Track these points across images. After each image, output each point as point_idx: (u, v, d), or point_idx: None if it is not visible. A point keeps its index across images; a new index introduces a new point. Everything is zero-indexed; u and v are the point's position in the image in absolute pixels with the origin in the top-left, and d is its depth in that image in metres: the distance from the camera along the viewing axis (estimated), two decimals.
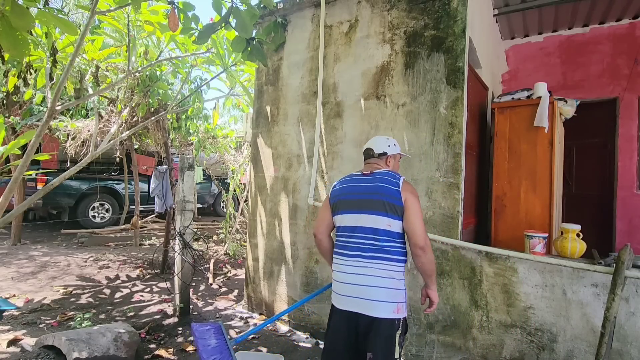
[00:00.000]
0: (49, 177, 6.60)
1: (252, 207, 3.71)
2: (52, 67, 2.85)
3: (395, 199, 1.62)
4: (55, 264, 5.03)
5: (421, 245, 1.58)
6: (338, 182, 1.87)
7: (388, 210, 1.62)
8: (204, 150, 6.46)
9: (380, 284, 1.58)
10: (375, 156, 1.85)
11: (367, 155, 1.89)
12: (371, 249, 1.63)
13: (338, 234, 1.78)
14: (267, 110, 3.59)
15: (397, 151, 1.89)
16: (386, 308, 1.56)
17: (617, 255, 1.76)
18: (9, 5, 1.66)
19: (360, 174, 1.81)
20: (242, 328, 3.26)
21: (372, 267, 1.60)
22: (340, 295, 1.67)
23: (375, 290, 1.58)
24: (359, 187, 1.74)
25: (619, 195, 4.00)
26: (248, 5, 2.43)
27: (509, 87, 4.46)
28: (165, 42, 3.59)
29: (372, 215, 1.64)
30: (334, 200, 1.80)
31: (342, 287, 1.67)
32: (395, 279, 1.61)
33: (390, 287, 1.59)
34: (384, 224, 1.62)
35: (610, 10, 3.80)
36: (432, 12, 2.63)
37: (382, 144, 1.86)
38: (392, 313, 1.57)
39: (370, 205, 1.66)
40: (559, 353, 2.13)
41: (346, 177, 1.87)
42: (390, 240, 1.63)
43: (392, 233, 1.63)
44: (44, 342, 2.49)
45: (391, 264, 1.61)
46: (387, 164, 1.85)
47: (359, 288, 1.60)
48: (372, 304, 1.57)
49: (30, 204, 2.62)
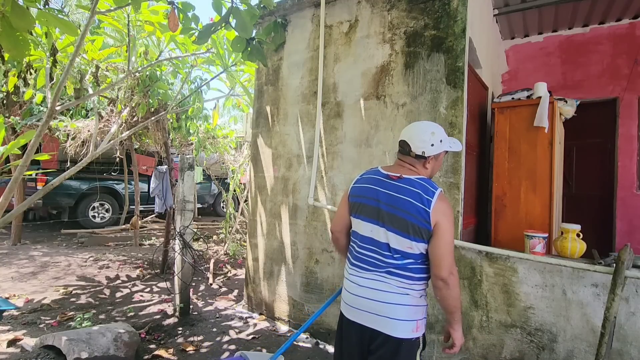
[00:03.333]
0: (49, 177, 6.60)
1: (252, 207, 3.71)
2: (52, 67, 2.85)
3: (424, 221, 1.36)
4: (55, 264, 5.03)
5: (443, 277, 1.34)
6: (360, 177, 1.59)
7: (412, 233, 1.38)
8: (204, 150, 6.46)
9: (398, 301, 1.40)
10: (412, 155, 1.48)
11: (402, 151, 1.52)
12: (387, 266, 1.43)
13: (353, 239, 1.57)
14: (267, 110, 3.59)
15: (441, 149, 1.48)
16: (405, 327, 1.39)
17: (617, 255, 1.76)
18: (9, 6, 1.66)
19: (386, 175, 1.49)
20: (242, 328, 3.26)
21: (389, 284, 1.41)
22: (353, 307, 1.48)
23: (392, 308, 1.39)
24: (382, 193, 1.45)
25: (619, 195, 4.00)
26: (248, 5, 2.43)
27: (509, 87, 4.46)
28: (165, 42, 3.59)
29: (392, 234, 1.41)
30: (353, 199, 1.56)
31: (355, 300, 1.48)
32: (414, 296, 1.42)
33: (409, 304, 1.41)
34: (404, 246, 1.40)
35: (610, 10, 3.80)
36: (432, 12, 2.63)
37: (424, 140, 1.46)
38: (411, 332, 1.40)
39: (392, 222, 1.41)
40: (559, 353, 2.13)
41: (369, 174, 1.56)
42: (409, 259, 1.41)
43: (413, 254, 1.41)
44: (44, 342, 2.49)
45: (410, 281, 1.41)
46: (426, 166, 1.51)
47: (374, 304, 1.42)
48: (389, 322, 1.39)
49: (30, 204, 2.62)
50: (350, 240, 1.60)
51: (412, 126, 1.54)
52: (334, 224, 1.69)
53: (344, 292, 1.56)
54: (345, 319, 1.54)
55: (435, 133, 1.47)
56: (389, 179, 1.47)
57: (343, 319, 1.55)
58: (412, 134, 1.50)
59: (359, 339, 1.48)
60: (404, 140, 1.51)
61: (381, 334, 1.40)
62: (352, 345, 1.50)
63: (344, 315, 1.55)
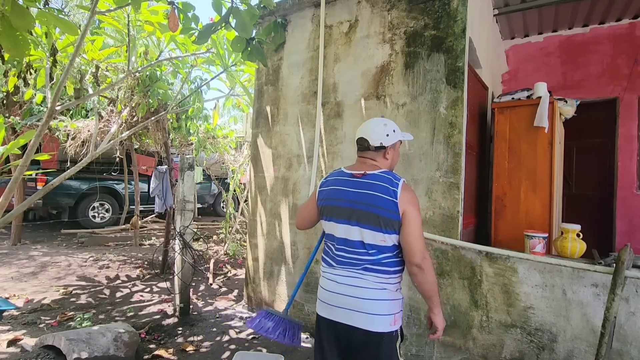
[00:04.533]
0: (49, 177, 6.60)
1: (252, 207, 3.71)
2: (52, 67, 2.85)
3: (392, 212, 1.41)
4: (55, 264, 5.03)
5: (417, 262, 1.40)
6: (325, 180, 1.64)
7: (383, 226, 1.42)
8: (204, 150, 6.46)
9: (374, 296, 1.43)
10: (371, 149, 1.55)
11: (361, 148, 1.59)
12: (363, 263, 1.46)
13: (327, 241, 1.61)
14: (267, 110, 3.59)
15: (397, 138, 1.58)
16: (383, 321, 1.43)
17: (617, 255, 1.76)
18: (9, 6, 1.66)
19: (350, 174, 1.55)
20: (242, 328, 3.26)
21: (366, 280, 1.45)
22: (330, 305, 1.50)
23: (370, 303, 1.43)
24: (349, 192, 1.50)
25: (619, 195, 4.00)
26: (248, 5, 2.43)
27: (509, 87, 4.46)
28: (165, 42, 3.59)
29: (364, 229, 1.45)
30: (322, 202, 1.59)
31: (332, 297, 1.50)
32: (390, 290, 1.47)
33: (386, 299, 1.45)
34: (378, 239, 1.44)
35: (610, 10, 3.80)
36: (432, 12, 2.63)
37: (379, 132, 1.54)
38: (389, 326, 1.43)
39: (362, 218, 1.45)
40: (559, 353, 2.13)
41: (334, 176, 1.61)
42: (384, 253, 1.46)
43: (386, 248, 1.45)
44: (44, 342, 2.49)
45: (385, 276, 1.45)
46: (386, 157, 1.58)
47: (352, 300, 1.44)
48: (367, 317, 1.42)
49: (30, 204, 2.62)
50: (325, 242, 1.64)
51: (365, 124, 1.61)
52: (299, 224, 1.76)
53: (321, 292, 1.57)
54: (321, 319, 1.54)
55: (387, 125, 1.57)
56: (354, 177, 1.53)
57: (320, 320, 1.56)
58: (367, 129, 1.57)
59: (336, 338, 1.50)
60: (361, 137, 1.57)
61: (360, 330, 1.43)
62: (332, 344, 1.51)
63: (320, 316, 1.55)
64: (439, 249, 2.53)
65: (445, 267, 2.51)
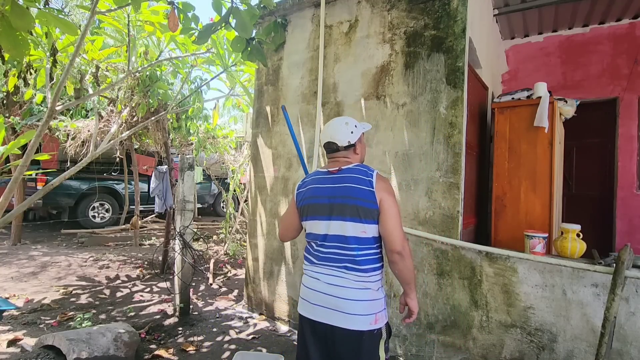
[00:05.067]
0: (49, 177, 6.60)
1: (252, 207, 3.71)
2: (52, 67, 2.85)
3: (369, 201, 1.43)
4: (55, 264, 5.03)
5: (398, 250, 1.42)
6: (302, 182, 1.65)
7: (362, 215, 1.44)
8: (204, 150, 6.46)
9: (355, 297, 1.43)
10: (341, 149, 1.58)
11: (331, 150, 1.61)
12: (344, 260, 1.46)
13: (308, 240, 1.61)
14: (267, 110, 3.59)
15: (360, 132, 1.61)
16: (363, 320, 1.42)
17: (617, 255, 1.76)
18: (9, 6, 1.66)
19: (326, 171, 1.57)
20: (242, 328, 3.26)
21: (346, 279, 1.45)
22: (312, 304, 1.50)
23: (350, 304, 1.42)
24: (326, 188, 1.53)
25: (619, 195, 4.00)
26: (248, 5, 2.44)
27: (509, 87, 4.46)
28: (165, 42, 3.59)
29: (343, 222, 1.46)
30: (301, 203, 1.60)
31: (314, 295, 1.50)
32: (372, 289, 1.46)
33: (367, 299, 1.44)
34: (358, 231, 1.45)
35: (610, 10, 3.80)
36: (432, 12, 2.63)
37: (344, 132, 1.57)
38: (369, 324, 1.43)
39: (341, 211, 1.46)
40: (559, 353, 2.13)
41: (311, 177, 1.63)
42: (364, 249, 1.46)
43: (366, 240, 1.46)
44: (44, 342, 2.49)
45: (366, 274, 1.45)
46: (356, 152, 1.61)
47: (333, 299, 1.44)
48: (347, 317, 1.42)
49: (30, 204, 2.62)
50: (307, 241, 1.63)
51: (328, 127, 1.62)
52: (282, 235, 1.73)
53: (303, 290, 1.57)
54: (303, 319, 1.54)
55: (348, 122, 1.60)
56: (330, 174, 1.55)
57: (301, 319, 1.55)
58: (332, 132, 1.59)
59: (317, 337, 1.50)
60: (328, 142, 1.60)
61: (339, 329, 1.43)
62: (314, 343, 1.51)
63: (301, 315, 1.55)
64: (439, 249, 2.53)
65: (445, 267, 2.51)
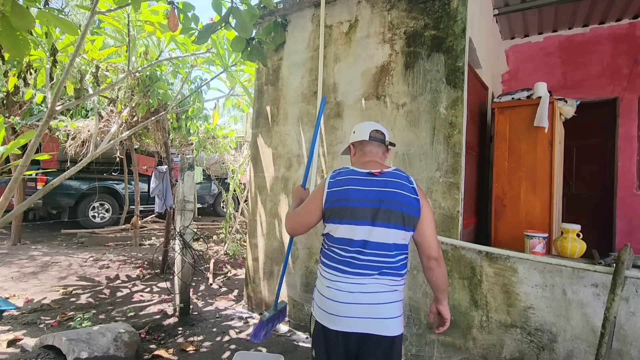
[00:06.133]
0: (49, 177, 6.60)
1: (252, 207, 3.71)
2: (52, 67, 2.85)
3: (415, 209, 1.40)
4: (55, 264, 5.03)
5: (436, 256, 1.43)
6: (334, 180, 1.49)
7: (407, 223, 1.39)
8: (204, 150, 6.46)
9: (388, 299, 1.41)
10: (385, 143, 1.55)
11: (377, 139, 1.53)
12: (384, 267, 1.40)
13: (335, 245, 1.46)
14: (267, 110, 3.59)
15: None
16: (395, 324, 1.40)
17: (617, 255, 1.76)
18: (9, 6, 1.66)
19: (367, 172, 1.45)
20: (242, 328, 3.26)
21: (383, 284, 1.40)
22: (339, 316, 1.40)
23: (384, 307, 1.39)
24: (369, 192, 1.41)
25: (619, 195, 4.00)
26: (248, 5, 2.43)
27: (509, 87, 4.46)
28: (165, 42, 3.59)
29: (387, 229, 1.39)
30: (333, 204, 1.44)
31: (341, 308, 1.40)
32: (400, 291, 1.46)
33: (397, 300, 1.43)
34: (399, 238, 1.40)
35: (610, 10, 3.80)
36: (432, 12, 2.63)
37: (384, 131, 1.59)
38: (400, 328, 1.42)
39: (386, 217, 1.38)
40: (559, 353, 2.13)
41: (345, 176, 1.48)
42: (400, 254, 1.43)
43: (404, 246, 1.44)
44: (44, 342, 2.49)
45: (398, 278, 1.44)
46: (386, 156, 1.59)
47: (367, 307, 1.38)
48: (383, 322, 1.38)
49: (30, 204, 2.62)
50: (330, 248, 1.49)
51: (369, 123, 1.60)
52: (296, 229, 1.61)
53: (325, 302, 1.44)
54: (328, 331, 1.43)
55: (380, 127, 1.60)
56: (371, 176, 1.45)
57: (326, 331, 1.43)
58: (377, 126, 1.56)
59: (345, 348, 1.42)
60: (377, 130, 1.55)
61: (372, 336, 1.38)
62: (340, 355, 1.43)
63: (326, 328, 1.43)
64: None
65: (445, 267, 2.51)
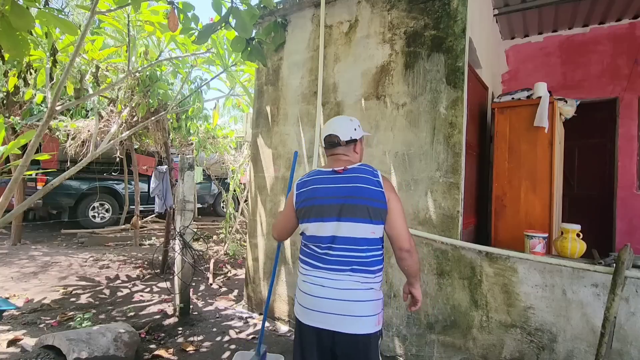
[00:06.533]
0: (49, 177, 6.60)
1: (252, 207, 3.71)
2: (52, 67, 2.85)
3: (380, 201, 1.42)
4: (55, 264, 5.03)
5: (407, 248, 1.43)
6: (302, 182, 1.57)
7: (372, 216, 1.41)
8: (204, 150, 6.47)
9: (362, 297, 1.41)
10: (342, 144, 1.54)
11: (331, 144, 1.56)
12: (353, 262, 1.42)
13: (308, 242, 1.52)
14: (267, 110, 3.59)
15: (362, 134, 1.60)
16: (370, 323, 1.41)
17: (617, 255, 1.76)
18: (9, 5, 1.66)
19: (330, 171, 1.52)
20: (242, 328, 3.26)
21: (354, 281, 1.42)
22: (313, 310, 1.44)
23: (357, 305, 1.40)
24: (334, 188, 1.47)
25: (619, 195, 4.00)
26: (248, 5, 2.44)
27: (509, 87, 4.46)
28: (165, 42, 3.59)
29: (354, 224, 1.42)
30: (303, 204, 1.52)
31: (316, 302, 1.43)
32: (375, 289, 1.46)
33: (372, 299, 1.44)
34: (368, 232, 1.42)
35: (610, 10, 3.80)
36: (432, 12, 2.63)
37: (347, 127, 1.55)
38: (374, 326, 1.42)
39: (351, 212, 1.42)
40: (559, 353, 2.13)
41: (312, 176, 1.56)
42: (372, 250, 1.45)
43: (374, 240, 1.45)
44: (44, 342, 2.49)
45: (373, 275, 1.45)
46: (356, 150, 1.58)
47: (338, 304, 1.40)
48: (354, 320, 1.39)
49: (30, 204, 2.62)
50: (305, 245, 1.55)
51: (331, 122, 1.62)
52: (280, 235, 1.69)
53: (302, 297, 1.49)
54: (303, 327, 1.48)
55: (352, 120, 1.60)
56: (334, 174, 1.51)
57: (301, 326, 1.49)
58: (335, 126, 1.58)
59: (320, 345, 1.44)
60: (330, 134, 1.56)
61: (346, 335, 1.39)
62: (315, 352, 1.46)
63: (302, 323, 1.49)
64: (439, 249, 2.53)
65: (445, 267, 2.51)
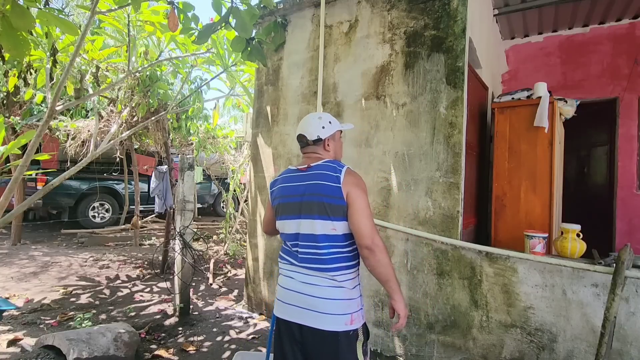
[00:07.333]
0: (49, 177, 6.60)
1: (252, 207, 3.71)
2: (52, 67, 2.85)
3: (336, 197, 1.40)
4: (55, 264, 5.03)
5: (367, 244, 1.36)
6: (274, 181, 1.65)
7: (330, 212, 1.40)
8: (204, 150, 6.46)
9: (329, 296, 1.40)
10: (310, 144, 1.57)
11: (302, 143, 1.60)
12: (314, 259, 1.43)
13: (284, 240, 1.58)
14: (267, 110, 3.59)
15: (334, 129, 1.58)
16: (337, 320, 1.38)
17: (617, 255, 1.76)
18: (9, 5, 1.66)
19: (295, 169, 1.56)
20: (242, 328, 3.26)
21: (322, 278, 1.41)
22: (285, 303, 1.47)
23: (323, 302, 1.39)
24: (297, 187, 1.50)
25: (619, 195, 4.00)
26: (248, 5, 2.44)
27: (509, 87, 4.46)
28: (165, 42, 3.59)
29: (312, 220, 1.43)
30: (275, 202, 1.59)
31: (287, 295, 1.47)
32: (346, 288, 1.42)
33: (342, 298, 1.40)
34: (328, 228, 1.41)
35: (610, 10, 3.80)
36: (432, 12, 2.63)
37: (314, 126, 1.56)
38: (344, 325, 1.39)
39: (309, 209, 1.44)
40: (559, 353, 2.13)
41: (283, 174, 1.62)
42: (334, 246, 1.42)
43: (336, 237, 1.42)
44: (44, 342, 2.49)
45: (334, 273, 1.41)
46: (327, 148, 1.58)
47: (304, 298, 1.41)
48: (318, 315, 1.38)
49: (30, 204, 2.62)
50: (284, 241, 1.60)
51: (302, 121, 1.64)
52: (266, 229, 1.77)
53: (279, 290, 1.54)
54: (278, 320, 1.52)
55: (321, 118, 1.59)
56: (299, 171, 1.54)
57: (278, 320, 1.53)
58: (303, 126, 1.60)
59: (293, 338, 1.46)
60: (299, 134, 1.60)
61: (311, 329, 1.39)
62: (291, 345, 1.47)
63: (278, 318, 1.52)
64: (439, 249, 2.53)
65: (445, 267, 2.51)
